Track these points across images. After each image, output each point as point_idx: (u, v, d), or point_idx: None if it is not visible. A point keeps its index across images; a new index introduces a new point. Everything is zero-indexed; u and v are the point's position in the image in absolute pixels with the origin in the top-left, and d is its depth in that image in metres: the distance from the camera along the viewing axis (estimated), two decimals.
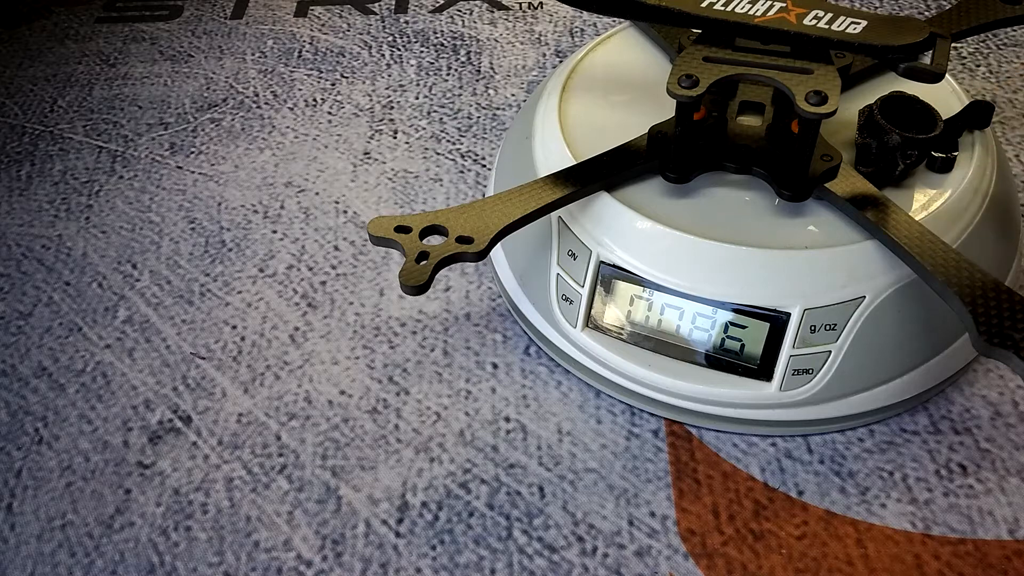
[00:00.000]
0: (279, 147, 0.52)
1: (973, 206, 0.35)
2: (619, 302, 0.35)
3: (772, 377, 0.34)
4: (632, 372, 0.36)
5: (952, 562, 0.33)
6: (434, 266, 0.31)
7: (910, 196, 0.35)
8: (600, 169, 0.35)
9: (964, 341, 0.36)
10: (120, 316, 0.43)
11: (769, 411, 0.35)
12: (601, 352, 0.36)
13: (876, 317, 0.33)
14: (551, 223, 0.37)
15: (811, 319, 0.33)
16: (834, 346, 0.33)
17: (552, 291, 0.37)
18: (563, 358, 0.39)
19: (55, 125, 0.55)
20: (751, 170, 0.36)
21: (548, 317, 0.38)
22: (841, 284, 0.33)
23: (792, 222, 0.34)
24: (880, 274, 0.33)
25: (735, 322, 0.34)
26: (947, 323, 0.35)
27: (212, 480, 0.36)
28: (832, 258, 0.33)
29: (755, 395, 0.34)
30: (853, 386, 0.35)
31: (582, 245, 0.35)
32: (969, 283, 0.30)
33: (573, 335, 0.37)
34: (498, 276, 0.41)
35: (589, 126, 0.39)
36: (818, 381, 0.34)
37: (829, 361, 0.34)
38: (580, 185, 0.35)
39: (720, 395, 0.35)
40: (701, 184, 0.36)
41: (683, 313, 0.34)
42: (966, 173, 0.35)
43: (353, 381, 0.40)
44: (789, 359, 0.34)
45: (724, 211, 0.35)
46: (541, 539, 0.34)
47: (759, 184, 0.36)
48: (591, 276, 0.35)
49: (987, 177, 0.36)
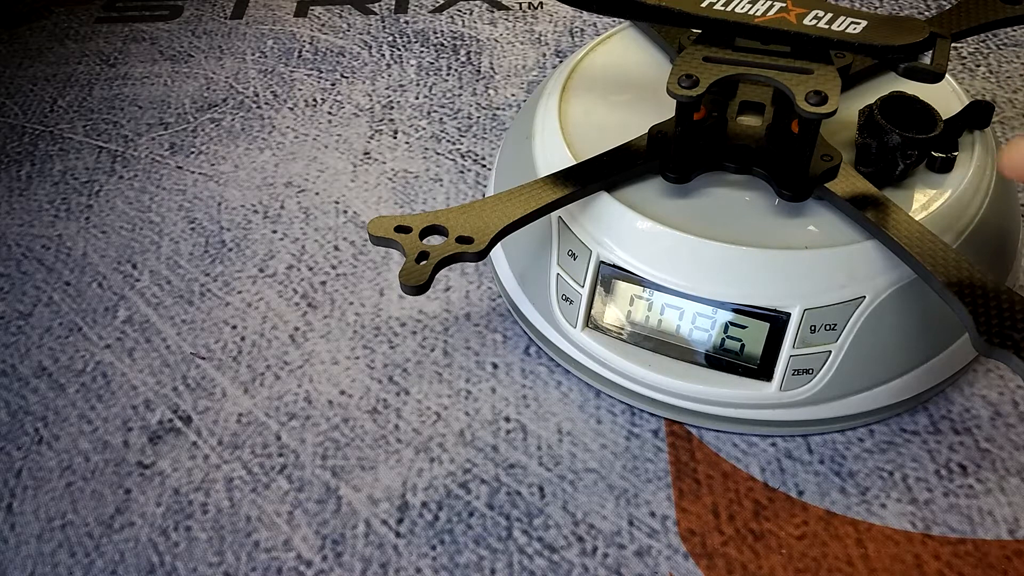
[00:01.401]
0: (279, 147, 0.52)
1: (973, 206, 0.35)
2: (619, 302, 0.35)
3: (772, 377, 0.34)
4: (632, 372, 0.36)
5: (952, 562, 0.33)
6: (434, 266, 0.31)
7: (910, 196, 0.35)
8: (600, 169, 0.35)
9: (964, 341, 0.36)
10: (120, 316, 0.43)
11: (769, 411, 0.35)
12: (601, 352, 0.36)
13: (876, 317, 0.33)
14: (551, 223, 0.37)
15: (811, 319, 0.33)
16: (834, 346, 0.33)
17: (552, 291, 0.37)
18: (563, 358, 0.39)
19: (55, 125, 0.55)
20: (751, 170, 0.36)
21: (548, 317, 0.38)
22: (841, 284, 0.33)
23: (792, 222, 0.34)
24: (880, 274, 0.33)
25: (735, 322, 0.34)
26: (947, 323, 0.35)
27: (212, 480, 0.36)
28: (832, 258, 0.33)
29: (755, 395, 0.34)
30: (853, 386, 0.35)
31: (582, 245, 0.35)
32: (969, 283, 0.30)
33: (573, 335, 0.37)
34: (498, 276, 0.41)
35: (589, 126, 0.39)
36: (818, 381, 0.34)
37: (829, 361, 0.34)
38: (580, 185, 0.35)
39: (720, 395, 0.35)
40: (701, 184, 0.36)
41: (683, 313, 0.35)
42: (966, 173, 0.35)
43: (353, 381, 0.40)
44: (789, 359, 0.34)
45: (724, 211, 0.35)
46: (541, 539, 0.34)
47: (759, 184, 0.36)
48: (591, 276, 0.35)
49: (987, 177, 0.36)
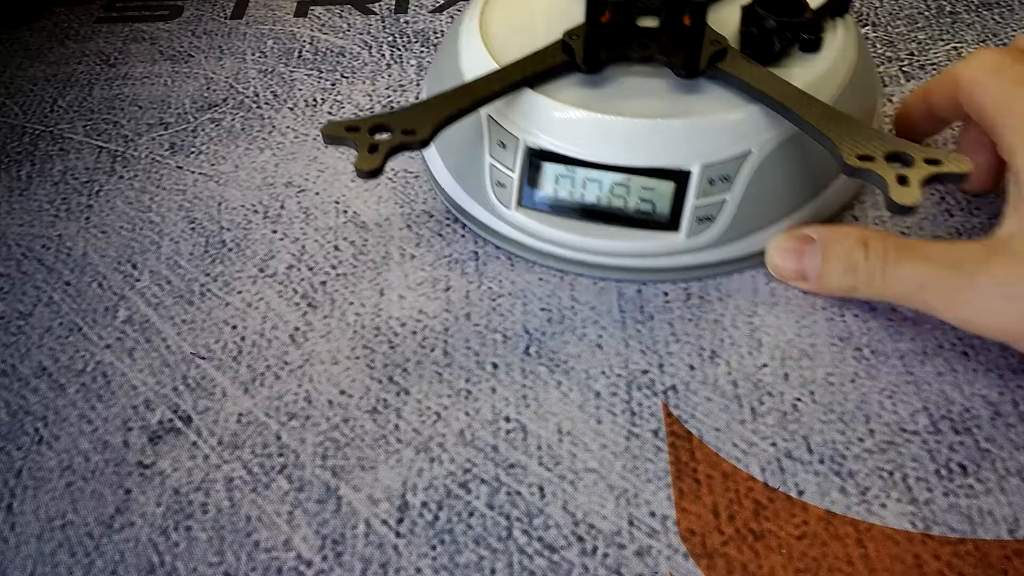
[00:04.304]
0: (279, 147, 0.52)
1: (839, 76, 0.42)
2: (546, 181, 0.42)
3: (680, 227, 0.41)
4: (562, 239, 0.42)
5: (952, 562, 0.33)
6: (386, 152, 0.37)
7: (788, 72, 0.41)
8: (522, 69, 0.41)
9: (839, 182, 0.43)
10: (120, 316, 0.43)
11: (679, 257, 0.42)
12: (535, 227, 0.42)
13: (763, 167, 0.40)
14: (481, 121, 0.42)
15: (708, 173, 0.40)
16: (729, 195, 0.40)
17: (487, 179, 0.43)
18: (500, 239, 0.44)
19: (55, 125, 0.55)
20: (652, 59, 0.42)
21: (485, 203, 0.44)
22: (732, 142, 0.40)
23: (689, 96, 0.41)
24: (764, 131, 0.40)
25: (647, 185, 0.40)
26: (824, 168, 0.42)
27: (212, 480, 0.36)
28: (724, 122, 0.40)
29: (667, 244, 0.41)
30: (747, 228, 0.42)
31: (510, 135, 0.41)
32: (835, 122, 0.37)
33: (508, 215, 0.43)
34: (438, 183, 0.47)
35: (509, 35, 0.45)
36: (718, 227, 0.41)
37: (726, 208, 0.41)
38: (505, 83, 0.41)
39: (640, 248, 0.42)
40: (610, 74, 0.42)
41: (602, 184, 0.41)
42: (832, 51, 0.43)
43: (353, 381, 0.40)
44: (693, 209, 0.40)
45: (631, 93, 0.41)
46: (541, 539, 0.34)
47: (660, 69, 0.42)
48: (520, 161, 0.41)
49: (849, 54, 0.43)
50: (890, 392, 0.38)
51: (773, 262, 0.42)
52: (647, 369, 0.39)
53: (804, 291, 0.42)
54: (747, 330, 0.41)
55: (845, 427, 0.37)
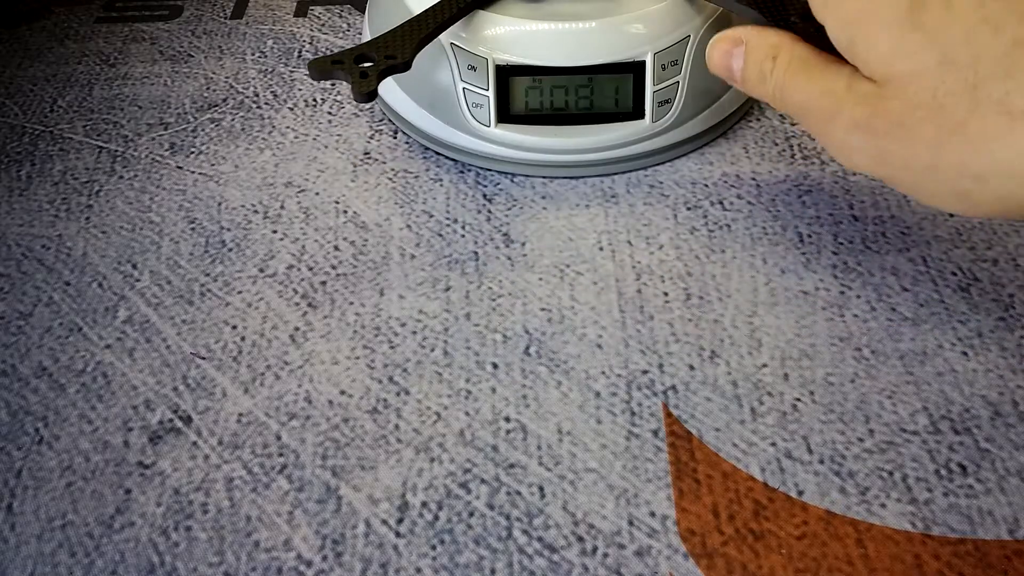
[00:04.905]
0: (279, 147, 0.52)
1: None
2: (518, 94, 0.46)
3: (644, 114, 0.46)
4: (541, 145, 0.46)
5: (952, 562, 0.33)
6: (377, 75, 0.39)
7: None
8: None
9: None
10: (120, 316, 0.43)
11: (649, 143, 0.47)
12: (515, 138, 0.46)
13: (701, 48, 0.45)
14: (446, 50, 0.46)
15: (660, 60, 0.45)
16: (679, 77, 0.46)
17: (463, 103, 0.46)
18: (483, 159, 0.48)
19: (55, 125, 0.55)
20: None
21: (464, 127, 0.47)
22: (674, 27, 0.45)
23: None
24: (696, 15, 0.46)
25: (608, 81, 0.45)
26: None
27: (212, 480, 0.36)
28: (665, 11, 0.45)
29: (636, 131, 0.46)
30: (700, 106, 0.47)
31: (478, 57, 0.45)
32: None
33: (488, 133, 0.47)
34: (412, 125, 0.50)
35: None
36: (676, 107, 0.46)
37: (680, 89, 0.46)
38: (460, 3, 0.44)
39: (613, 139, 0.46)
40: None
41: (568, 88, 0.45)
42: None
43: (353, 381, 0.40)
44: (653, 95, 0.46)
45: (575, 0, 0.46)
46: (541, 539, 0.34)
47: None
48: (492, 79, 0.45)
49: None
50: (890, 392, 0.38)
51: (710, 57, 0.41)
52: (647, 369, 0.39)
53: (802, 294, 0.42)
54: (747, 330, 0.41)
55: (845, 427, 0.37)
